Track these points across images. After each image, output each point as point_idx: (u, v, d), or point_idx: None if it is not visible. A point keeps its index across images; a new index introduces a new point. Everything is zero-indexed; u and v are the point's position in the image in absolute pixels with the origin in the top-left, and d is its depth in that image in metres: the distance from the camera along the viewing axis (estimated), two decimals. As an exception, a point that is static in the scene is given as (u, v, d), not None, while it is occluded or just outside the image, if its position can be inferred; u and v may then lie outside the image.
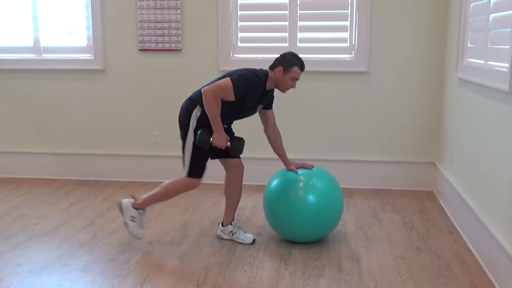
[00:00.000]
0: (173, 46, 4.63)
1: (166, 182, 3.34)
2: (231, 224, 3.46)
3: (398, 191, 4.54)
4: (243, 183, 3.48)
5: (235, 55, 4.62)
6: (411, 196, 4.42)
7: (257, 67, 3.28)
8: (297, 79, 3.19)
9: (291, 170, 3.31)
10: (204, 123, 3.15)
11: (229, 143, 3.15)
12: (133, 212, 3.34)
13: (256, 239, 3.46)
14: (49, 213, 4.03)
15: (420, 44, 4.39)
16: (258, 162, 4.43)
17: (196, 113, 3.17)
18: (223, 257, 3.23)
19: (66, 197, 4.43)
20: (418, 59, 4.41)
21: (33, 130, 5.01)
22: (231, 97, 3.06)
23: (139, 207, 3.34)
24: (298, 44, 4.51)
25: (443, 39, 4.34)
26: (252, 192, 4.47)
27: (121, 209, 3.38)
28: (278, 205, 3.30)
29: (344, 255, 3.25)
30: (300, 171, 3.32)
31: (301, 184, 3.28)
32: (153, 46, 4.66)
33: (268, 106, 3.35)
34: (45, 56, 4.86)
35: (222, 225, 3.49)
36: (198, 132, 3.12)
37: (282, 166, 3.49)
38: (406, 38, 4.40)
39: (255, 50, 4.61)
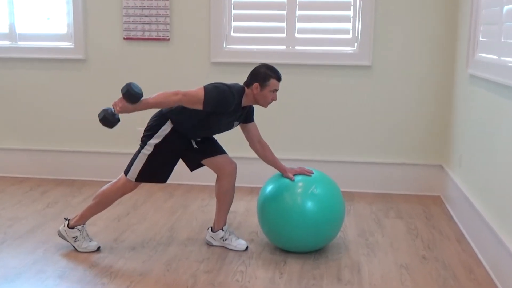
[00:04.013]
0: (160, 35, 4.62)
1: (99, 191, 3.39)
2: (222, 229, 3.46)
3: (402, 196, 4.55)
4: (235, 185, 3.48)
5: (228, 46, 4.61)
6: (416, 201, 4.44)
7: (232, 81, 3.30)
8: (276, 90, 3.22)
9: (288, 178, 3.32)
10: (168, 144, 3.20)
11: (113, 111, 3.12)
12: (73, 233, 3.37)
13: (248, 246, 3.46)
14: (23, 215, 4.01)
15: (428, 37, 4.40)
16: (251, 162, 4.42)
17: (165, 128, 3.23)
18: (213, 264, 3.23)
19: (42, 198, 4.41)
20: (426, 53, 4.43)
21: (6, 124, 4.99)
22: (198, 106, 3.09)
23: (76, 224, 3.37)
24: (297, 35, 4.52)
25: (453, 32, 4.36)
26: (245, 195, 4.47)
27: (62, 237, 3.41)
28: (273, 214, 3.30)
29: (343, 264, 3.26)
30: (298, 178, 3.33)
31: (299, 191, 3.29)
32: (139, 34, 4.65)
33: (248, 119, 3.37)
34: (21, 43, 4.84)
35: (212, 230, 3.49)
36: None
37: (277, 167, 3.49)
38: (413, 30, 4.42)
39: (250, 40, 4.61)
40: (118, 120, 3.15)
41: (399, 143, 4.58)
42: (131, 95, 3.11)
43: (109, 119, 3.13)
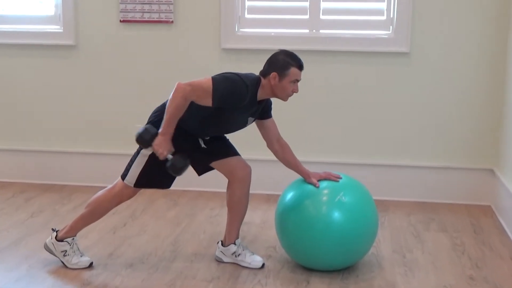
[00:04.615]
0: (163, 17, 4.64)
1: (92, 197, 3.41)
2: (234, 243, 3.46)
3: (446, 205, 4.52)
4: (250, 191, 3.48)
5: (241, 30, 4.62)
6: (462, 211, 4.41)
7: (247, 71, 3.28)
8: (298, 81, 3.21)
9: (312, 183, 3.31)
10: (172, 144, 3.18)
11: (170, 156, 3.15)
12: (61, 246, 3.37)
13: (265, 263, 3.45)
14: (4, 225, 4.04)
15: (478, 18, 4.37)
16: (268, 165, 4.42)
17: None
18: (223, 284, 3.23)
19: (26, 205, 4.44)
20: (475, 37, 4.39)
21: (-15, 121, 5.03)
22: (207, 101, 3.08)
23: (66, 236, 3.38)
24: (321, 16, 4.51)
25: (508, 12, 4.32)
26: (261, 203, 4.47)
27: (49, 251, 3.42)
28: (294, 226, 3.29)
29: (376, 285, 3.24)
30: (323, 183, 3.31)
31: (324, 199, 3.28)
32: (138, 16, 4.66)
33: (265, 115, 3.36)
34: (2, 27, 4.88)
35: (223, 244, 3.49)
36: (146, 127, 3.18)
37: (299, 170, 3.48)
38: (460, 11, 4.38)
39: (266, 23, 4.61)
40: (184, 160, 3.16)
41: (443, 143, 4.55)
42: (140, 142, 3.17)
43: (176, 165, 3.14)
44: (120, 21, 4.70)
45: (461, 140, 4.53)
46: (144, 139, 3.16)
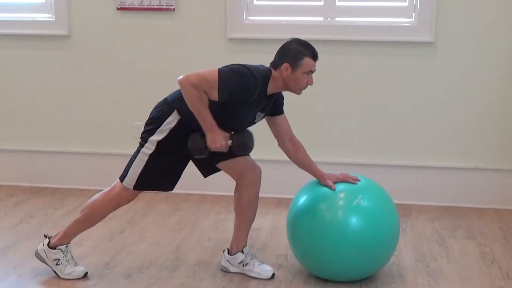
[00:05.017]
0: (163, 3, 4.66)
1: (88, 201, 3.44)
2: (242, 251, 3.48)
3: (474, 210, 4.53)
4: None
5: (249, 18, 4.64)
6: (492, 216, 4.41)
7: (258, 63, 3.29)
8: (312, 72, 3.22)
9: (327, 186, 3.32)
10: (175, 141, 3.22)
11: (230, 141, 3.18)
12: (54, 254, 3.39)
13: (275, 273, 3.47)
14: (-9, 232, 4.08)
15: (510, 5, 4.36)
16: (280, 166, 4.44)
17: (170, 121, 3.24)
18: (230, 296, 3.26)
19: (15, 210, 4.47)
20: (507, 26, 4.39)
21: (-29, 118, 5.07)
22: (213, 95, 3.09)
23: (59, 243, 3.40)
24: (338, 3, 4.53)
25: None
26: (271, 208, 4.49)
27: (41, 259, 3.44)
28: (307, 233, 3.30)
29: (398, 297, 3.27)
30: (340, 186, 3.33)
31: (341, 203, 3.29)
32: (136, 3, 4.68)
33: (276, 111, 3.38)
34: (-12, 16, 4.92)
35: (229, 253, 3.51)
36: (189, 139, 3.19)
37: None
38: (489, -4, 4.39)
39: (277, 10, 4.63)
40: (249, 136, 3.23)
41: (471, 142, 4.55)
42: (203, 149, 3.19)
43: (247, 144, 3.23)
44: (117, 8, 4.72)
45: (491, 139, 4.53)
46: (201, 149, 3.17)
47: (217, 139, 3.14)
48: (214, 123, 3.14)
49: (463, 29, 4.44)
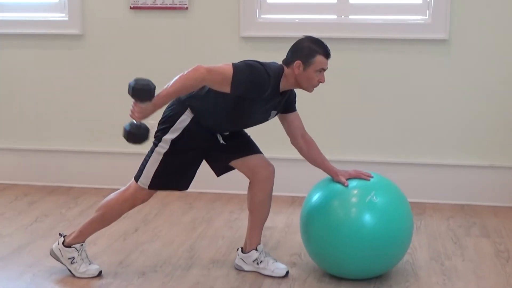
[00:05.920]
0: (177, 2, 4.67)
1: (103, 201, 3.45)
2: (256, 249, 3.49)
3: (489, 208, 4.51)
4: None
5: (262, 16, 4.64)
6: (507, 214, 4.40)
7: (270, 60, 3.29)
8: (324, 70, 3.22)
9: (340, 182, 3.33)
10: (188, 140, 3.25)
11: (135, 122, 3.12)
12: (69, 253, 3.41)
13: (289, 271, 3.48)
14: (6, 231, 4.09)
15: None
16: (293, 164, 4.45)
17: (184, 119, 3.26)
18: (244, 294, 3.27)
19: (30, 209, 4.50)
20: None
21: (-15, 117, 5.11)
22: (225, 88, 3.10)
23: (74, 241, 3.42)
24: (351, 1, 4.53)
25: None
26: (285, 206, 4.50)
27: (55, 257, 3.46)
28: (321, 231, 3.30)
29: (412, 295, 3.26)
30: (352, 183, 3.33)
31: (354, 200, 3.29)
32: (149, 2, 4.70)
33: (288, 108, 3.38)
34: (2, 15, 4.94)
35: (243, 251, 3.52)
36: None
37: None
38: (503, -7, 4.37)
39: (290, 8, 4.63)
40: (147, 130, 3.13)
41: (486, 140, 4.54)
42: (140, 91, 3.11)
43: (135, 133, 3.13)
44: (130, 7, 4.74)
45: (506, 136, 4.51)
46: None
47: (143, 112, 3.11)
48: (160, 107, 3.14)
49: (477, 26, 4.42)
